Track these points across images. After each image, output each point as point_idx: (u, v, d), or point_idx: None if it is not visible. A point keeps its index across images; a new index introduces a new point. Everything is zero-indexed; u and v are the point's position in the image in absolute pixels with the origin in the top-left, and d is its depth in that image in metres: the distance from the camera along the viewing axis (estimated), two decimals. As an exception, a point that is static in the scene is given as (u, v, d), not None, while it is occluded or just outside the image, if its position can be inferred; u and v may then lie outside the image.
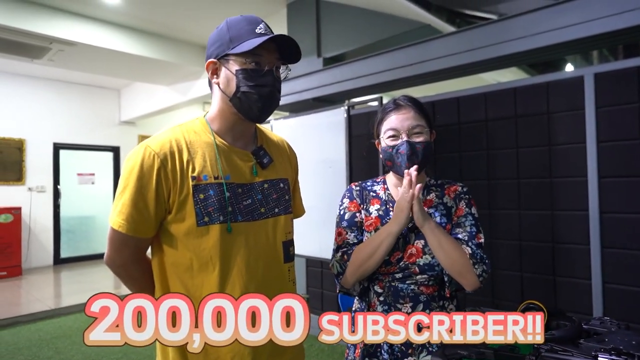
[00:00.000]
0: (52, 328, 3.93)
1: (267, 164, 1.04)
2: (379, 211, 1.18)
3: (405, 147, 1.11)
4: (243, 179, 1.00)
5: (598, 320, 1.15)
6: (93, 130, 7.36)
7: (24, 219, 6.44)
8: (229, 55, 0.96)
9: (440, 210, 1.16)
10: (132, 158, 0.94)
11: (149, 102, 6.88)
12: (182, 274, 0.94)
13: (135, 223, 0.92)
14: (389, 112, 1.17)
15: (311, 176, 3.32)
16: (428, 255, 1.10)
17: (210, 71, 1.00)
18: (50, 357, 3.23)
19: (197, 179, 0.94)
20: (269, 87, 0.97)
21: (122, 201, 0.92)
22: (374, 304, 1.15)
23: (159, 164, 0.92)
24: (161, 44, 5.10)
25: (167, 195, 0.93)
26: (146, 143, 0.95)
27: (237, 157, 1.01)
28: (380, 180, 1.26)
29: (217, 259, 0.93)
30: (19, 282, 5.74)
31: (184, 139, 0.97)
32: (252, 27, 0.97)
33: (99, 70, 5.79)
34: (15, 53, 4.72)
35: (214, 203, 0.94)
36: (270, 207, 1.02)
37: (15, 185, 6.51)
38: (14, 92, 6.53)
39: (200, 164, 0.95)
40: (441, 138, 2.80)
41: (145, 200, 0.92)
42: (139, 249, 0.98)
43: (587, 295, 2.16)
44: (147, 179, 0.91)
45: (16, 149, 6.54)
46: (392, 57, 2.95)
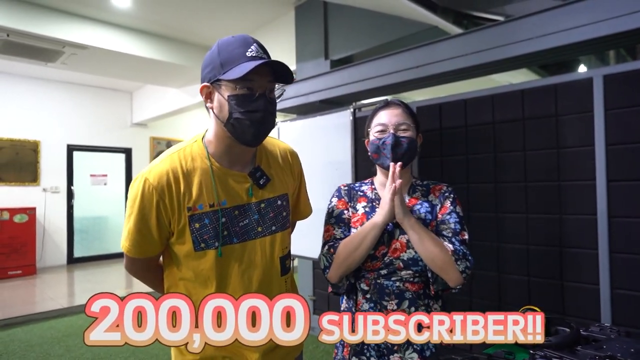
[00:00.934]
0: (64, 326, 4.00)
1: (264, 184, 1.07)
2: (365, 208, 1.23)
3: (391, 138, 1.17)
4: (239, 200, 1.03)
5: (598, 326, 1.13)
6: (106, 132, 7.48)
7: (39, 219, 6.57)
8: (221, 80, 0.95)
9: (425, 207, 1.20)
10: (134, 187, 1.00)
11: (160, 104, 6.97)
12: (188, 284, 1.03)
13: (140, 247, 1.00)
14: (379, 110, 1.24)
15: (318, 178, 3.33)
16: (412, 250, 1.13)
17: (204, 95, 1.00)
18: (61, 355, 3.29)
19: (193, 209, 0.99)
20: (260, 113, 0.96)
21: (128, 228, 1.00)
22: (360, 301, 1.18)
23: (157, 197, 0.97)
24: (171, 47, 5.17)
25: (167, 223, 0.99)
26: (145, 175, 0.99)
27: (233, 180, 1.04)
28: (368, 182, 1.31)
29: (213, 279, 1.00)
30: (34, 281, 5.85)
31: (180, 168, 1.00)
32: (243, 50, 0.95)
33: (110, 73, 5.89)
34: (29, 57, 4.83)
35: (209, 231, 0.99)
36: (267, 225, 1.06)
37: (30, 185, 6.65)
38: (29, 94, 6.68)
39: (196, 194, 0.99)
40: (448, 140, 2.79)
41: (148, 228, 0.99)
42: (150, 262, 1.08)
43: (594, 300, 2.13)
44: (148, 210, 0.98)
45: (31, 150, 6.68)
46: (399, 59, 2.94)
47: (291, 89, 3.73)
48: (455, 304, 2.69)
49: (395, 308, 1.14)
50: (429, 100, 2.92)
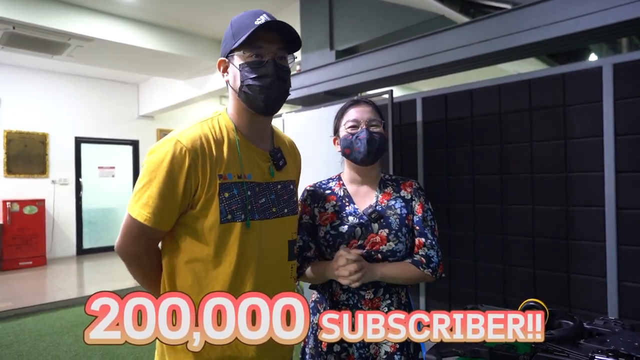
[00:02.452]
0: (73, 316, 4.06)
1: (282, 166, 1.08)
2: (334, 207, 1.25)
3: (365, 133, 1.21)
4: (261, 178, 1.03)
5: (602, 320, 1.12)
6: (113, 124, 7.52)
7: (48, 211, 6.65)
8: (233, 51, 0.98)
9: (399, 202, 1.24)
10: (161, 151, 0.94)
11: (167, 97, 6.98)
12: (197, 269, 0.96)
13: (161, 216, 0.93)
14: (349, 107, 1.27)
15: (322, 169, 3.31)
16: (392, 242, 1.17)
17: (221, 69, 1.03)
18: (71, 344, 3.35)
19: (223, 177, 0.96)
20: (269, 78, 0.97)
21: (149, 193, 0.92)
22: (337, 292, 1.21)
23: (190, 160, 0.93)
24: (177, 39, 5.15)
25: (194, 191, 0.94)
26: (176, 137, 0.95)
27: (257, 156, 1.04)
28: (335, 178, 1.34)
29: (234, 254, 0.96)
30: (44, 272, 5.95)
31: (212, 135, 0.98)
32: (252, 19, 0.97)
33: (116, 65, 5.90)
34: (35, 49, 4.85)
35: (237, 202, 0.97)
36: (280, 207, 1.06)
37: (39, 178, 6.72)
38: (37, 87, 6.72)
39: (226, 162, 0.97)
40: (454, 131, 2.76)
41: (174, 194, 0.92)
42: (155, 239, 1.00)
43: (601, 293, 2.10)
44: (177, 174, 0.92)
45: (40, 142, 6.74)
46: (405, 49, 2.90)
47: (296, 80, 3.70)
48: (460, 296, 2.69)
49: (372, 297, 1.18)
50: (434, 91, 2.89)
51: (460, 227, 2.69)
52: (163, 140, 0.96)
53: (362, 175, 1.27)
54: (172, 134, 0.97)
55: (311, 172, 3.53)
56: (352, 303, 1.19)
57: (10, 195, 6.34)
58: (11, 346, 3.31)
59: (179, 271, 0.98)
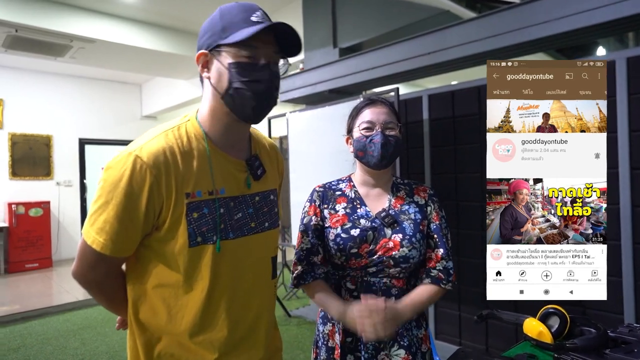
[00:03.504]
0: (80, 319, 4.05)
1: (260, 175, 0.97)
2: (345, 209, 1.21)
3: (380, 137, 1.15)
4: (237, 190, 0.93)
5: (626, 327, 1.07)
6: (116, 125, 7.50)
7: (53, 213, 6.66)
8: (221, 46, 0.85)
9: (413, 207, 1.20)
10: (118, 167, 0.82)
11: (169, 97, 6.95)
12: (166, 294, 0.88)
13: (120, 243, 0.83)
14: (364, 107, 1.21)
15: (327, 168, 3.28)
16: (405, 248, 1.12)
17: (200, 64, 0.89)
18: (77, 348, 3.33)
19: (191, 196, 0.85)
20: (264, 84, 0.86)
21: (105, 217, 0.82)
22: (348, 300, 1.16)
23: (152, 178, 0.81)
24: (179, 38, 5.12)
25: (157, 212, 0.84)
26: (135, 152, 0.82)
27: (232, 167, 0.93)
28: (346, 179, 1.29)
29: (207, 279, 0.87)
30: (50, 274, 5.95)
31: (177, 147, 0.86)
32: (247, 14, 0.86)
33: (119, 66, 5.88)
34: (37, 52, 4.83)
35: (208, 222, 0.87)
36: (260, 221, 0.96)
37: (44, 180, 6.72)
38: (40, 89, 6.71)
39: (194, 178, 0.86)
40: (462, 128, 2.71)
41: (133, 219, 0.82)
42: (115, 266, 0.90)
43: (617, 294, 2.05)
44: (137, 196, 0.81)
45: (44, 144, 6.73)
46: (410, 46, 2.85)
47: (299, 79, 3.66)
48: (469, 296, 2.64)
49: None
50: (441, 88, 2.83)
51: (469, 226, 2.64)
52: (121, 155, 0.83)
53: (374, 178, 1.22)
54: (132, 145, 0.85)
55: (315, 171, 3.51)
56: None
57: (15, 197, 6.34)
58: (18, 350, 3.30)
59: (146, 297, 0.89)
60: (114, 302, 0.95)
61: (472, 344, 2.66)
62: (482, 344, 2.63)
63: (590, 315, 2.11)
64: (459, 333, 2.76)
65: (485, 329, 2.64)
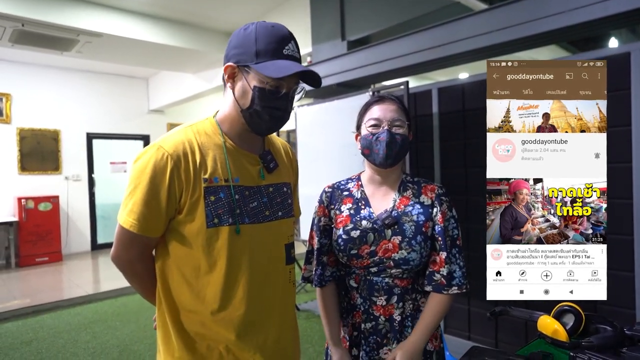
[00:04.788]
0: (90, 312, 4.10)
1: (273, 168, 1.06)
2: (350, 210, 1.21)
3: (386, 135, 1.14)
4: (251, 181, 1.01)
5: (643, 325, 1.06)
6: (123, 119, 7.52)
7: (62, 207, 6.71)
8: (250, 67, 0.94)
9: (417, 208, 1.18)
10: (144, 158, 0.94)
11: (176, 91, 6.95)
12: (188, 274, 0.96)
13: (146, 222, 0.93)
14: (372, 104, 1.20)
15: (335, 162, 3.27)
16: (404, 251, 1.12)
17: (227, 73, 0.98)
18: (88, 341, 3.37)
19: (209, 181, 0.94)
20: (281, 111, 0.97)
21: (134, 200, 0.93)
22: (354, 296, 1.19)
23: (172, 165, 0.92)
24: (185, 32, 5.10)
25: (179, 196, 0.93)
26: (158, 143, 0.95)
27: (245, 160, 1.02)
28: (355, 177, 1.28)
29: (224, 260, 0.94)
30: (60, 268, 6.01)
31: (195, 140, 0.97)
32: (281, 45, 0.95)
33: (126, 60, 5.87)
34: (44, 46, 4.84)
35: (224, 205, 0.95)
36: (274, 210, 1.04)
37: (52, 174, 6.77)
38: (47, 84, 6.74)
39: (211, 166, 0.95)
40: (471, 122, 2.68)
41: (157, 200, 0.92)
42: (147, 246, 0.99)
43: (629, 289, 2.03)
44: (160, 180, 0.92)
45: (52, 139, 6.77)
46: (420, 39, 2.82)
47: (307, 73, 3.63)
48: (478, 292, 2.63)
49: (385, 304, 1.15)
50: (451, 81, 2.80)
51: (479, 221, 2.62)
52: (147, 147, 0.96)
53: (382, 176, 1.21)
54: (157, 140, 0.97)
55: (324, 165, 3.50)
56: (364, 308, 1.17)
57: (24, 192, 6.40)
58: (31, 343, 3.35)
59: (171, 276, 0.98)
60: (146, 284, 1.04)
61: (481, 339, 2.66)
62: (492, 338, 2.62)
63: (601, 311, 2.09)
64: (468, 328, 2.75)
65: (495, 324, 2.63)
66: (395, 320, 1.14)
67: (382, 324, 1.14)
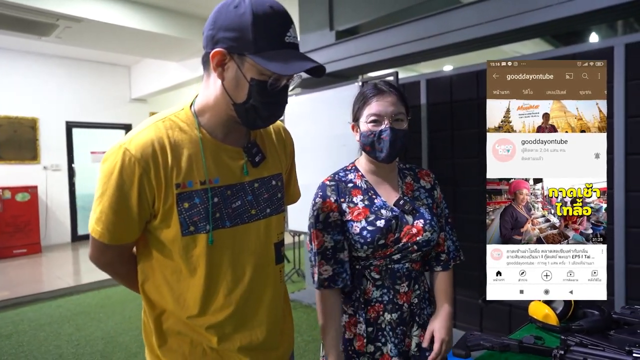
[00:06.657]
0: (73, 305, 4.03)
1: (259, 162, 0.96)
2: (364, 201, 1.19)
3: (389, 133, 1.12)
4: (233, 179, 0.92)
5: (628, 309, 1.10)
6: (104, 108, 7.35)
7: (41, 197, 6.54)
8: (248, 57, 0.81)
9: (422, 192, 1.24)
10: (110, 161, 0.84)
11: (160, 79, 6.82)
12: (169, 276, 0.91)
13: (116, 231, 0.86)
14: (372, 97, 1.17)
15: (323, 153, 3.27)
16: (428, 232, 1.16)
17: (216, 62, 0.83)
18: (71, 333, 3.32)
19: (182, 186, 0.85)
20: (278, 105, 0.88)
21: (101, 207, 0.85)
22: (369, 290, 1.17)
23: (141, 170, 0.82)
24: (170, 19, 5.00)
25: (151, 202, 0.86)
26: (125, 145, 0.83)
27: (226, 155, 0.92)
28: (352, 168, 1.25)
29: (203, 267, 0.88)
30: (39, 260, 5.88)
31: (167, 138, 0.86)
32: (282, 30, 0.83)
33: (107, 47, 5.73)
34: (22, 30, 4.67)
35: (200, 212, 0.87)
36: (261, 207, 0.96)
37: (30, 164, 6.59)
38: (25, 70, 6.52)
39: (185, 169, 0.86)
40: (460, 113, 2.71)
41: (127, 207, 0.84)
42: (124, 249, 0.93)
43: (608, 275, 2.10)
44: (128, 187, 0.83)
45: (29, 127, 6.58)
46: (409, 29, 2.83)
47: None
48: (468, 280, 2.68)
49: (406, 290, 1.17)
50: (439, 73, 2.82)
51: (467, 210, 2.67)
52: (113, 148, 0.85)
53: (381, 168, 1.21)
54: (124, 137, 0.86)
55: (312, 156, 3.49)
56: (387, 299, 1.15)
57: (1, 182, 6.21)
58: (11, 337, 3.28)
59: (153, 279, 0.92)
60: (129, 281, 0.99)
61: (467, 326, 2.72)
62: (477, 325, 2.69)
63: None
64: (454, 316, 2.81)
65: (480, 312, 2.69)
66: (413, 303, 1.17)
67: (405, 312, 1.16)
